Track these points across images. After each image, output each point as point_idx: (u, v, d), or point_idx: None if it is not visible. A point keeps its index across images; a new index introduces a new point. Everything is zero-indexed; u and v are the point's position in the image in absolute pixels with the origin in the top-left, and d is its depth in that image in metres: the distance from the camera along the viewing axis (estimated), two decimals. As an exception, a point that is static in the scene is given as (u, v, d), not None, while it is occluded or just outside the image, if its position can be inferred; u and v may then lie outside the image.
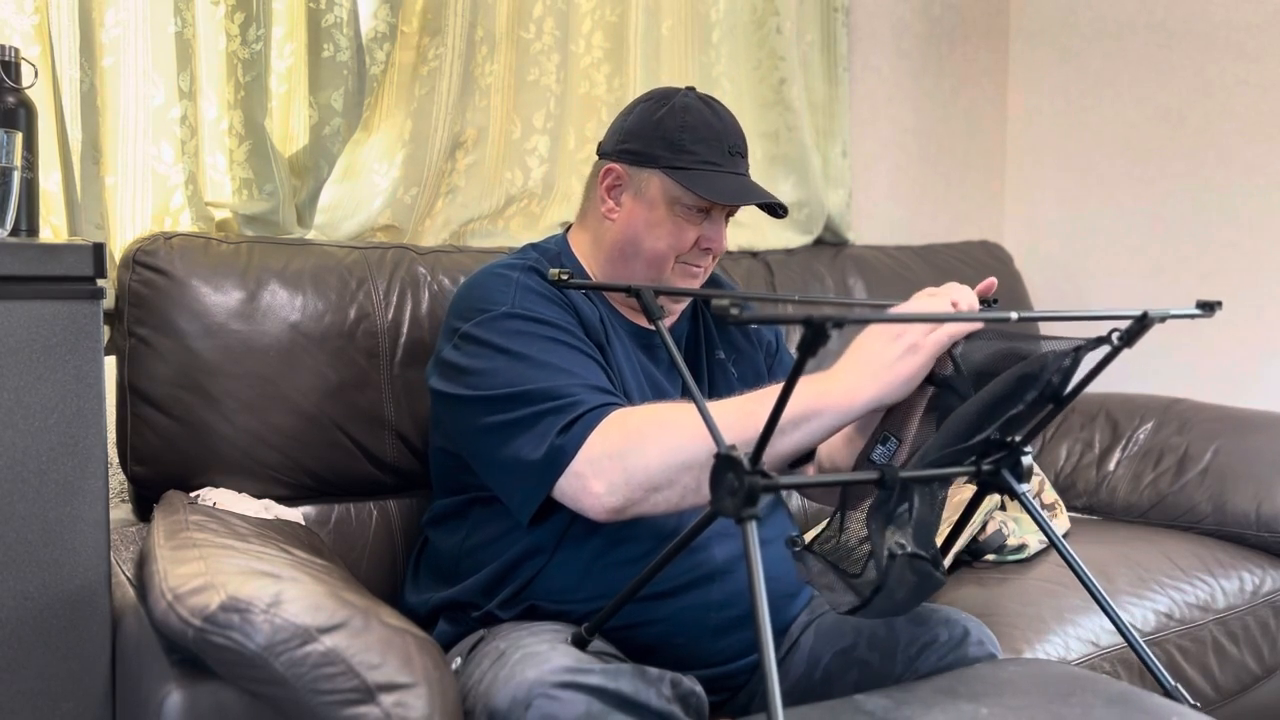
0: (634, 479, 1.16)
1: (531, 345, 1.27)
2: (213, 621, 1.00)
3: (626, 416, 1.20)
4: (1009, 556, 1.85)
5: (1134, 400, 2.35)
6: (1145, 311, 1.00)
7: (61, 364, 1.13)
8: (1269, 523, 1.99)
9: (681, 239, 1.38)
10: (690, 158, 1.37)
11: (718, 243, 1.40)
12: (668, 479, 1.15)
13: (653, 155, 1.38)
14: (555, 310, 1.33)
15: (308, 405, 1.58)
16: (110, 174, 1.64)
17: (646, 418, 1.20)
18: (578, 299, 1.37)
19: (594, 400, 1.22)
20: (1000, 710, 1.03)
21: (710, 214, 1.39)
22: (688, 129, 1.38)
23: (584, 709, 1.02)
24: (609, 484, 1.17)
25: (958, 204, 2.91)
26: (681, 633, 1.28)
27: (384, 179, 1.91)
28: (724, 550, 1.30)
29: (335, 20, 1.77)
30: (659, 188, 1.38)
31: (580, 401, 1.22)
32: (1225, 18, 2.55)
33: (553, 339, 1.29)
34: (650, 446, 1.16)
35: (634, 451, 1.17)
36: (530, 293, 1.33)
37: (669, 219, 1.38)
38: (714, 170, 1.37)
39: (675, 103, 1.40)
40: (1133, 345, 1.02)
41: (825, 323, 0.79)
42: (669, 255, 1.39)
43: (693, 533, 1.05)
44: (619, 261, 1.42)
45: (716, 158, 1.37)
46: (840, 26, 2.54)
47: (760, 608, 0.88)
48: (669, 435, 1.16)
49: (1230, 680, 1.84)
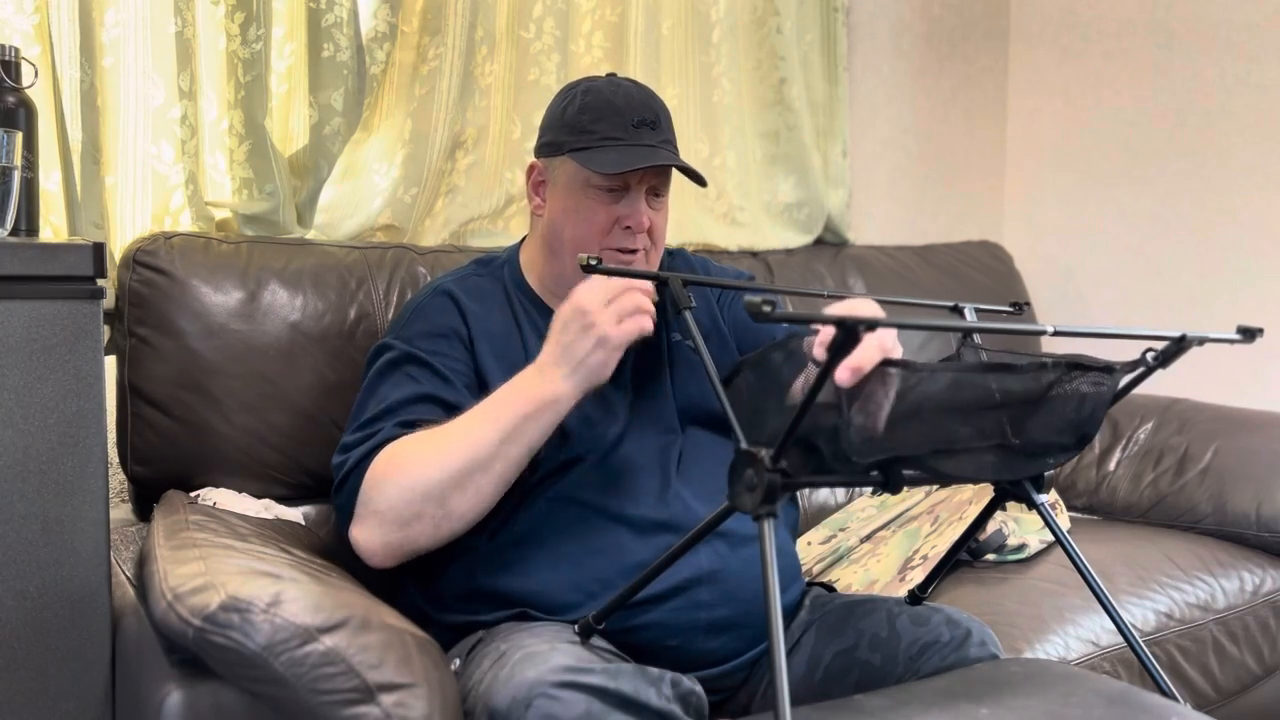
0: (386, 519, 1.22)
1: (382, 382, 1.34)
2: (213, 621, 1.00)
3: (378, 463, 1.24)
4: (1009, 556, 1.85)
5: (1134, 400, 2.35)
6: (1184, 334, 0.99)
7: (61, 364, 1.13)
8: (1269, 523, 1.99)
9: (594, 221, 1.37)
10: (590, 137, 1.36)
11: (636, 219, 1.37)
12: (414, 513, 1.21)
13: (559, 143, 1.39)
14: (435, 341, 1.36)
15: (307, 405, 1.58)
16: (110, 174, 1.64)
17: (393, 453, 1.24)
18: (494, 316, 1.39)
19: (368, 445, 1.26)
20: (1000, 711, 1.03)
21: (628, 192, 1.37)
22: (588, 109, 1.38)
23: (584, 708, 1.02)
24: (368, 528, 1.24)
25: (958, 204, 2.91)
26: (673, 635, 1.28)
27: (384, 179, 1.91)
28: (711, 554, 1.29)
29: (335, 20, 1.77)
30: (567, 173, 1.39)
31: (350, 454, 1.27)
32: (1225, 18, 2.55)
33: (407, 375, 1.33)
34: (390, 482, 1.22)
35: (375, 490, 1.23)
36: (421, 318, 1.39)
37: (583, 203, 1.37)
38: (614, 144, 1.35)
39: (580, 88, 1.41)
40: (1167, 366, 1.01)
41: (858, 325, 0.80)
42: (590, 241, 1.37)
43: (708, 526, 1.04)
44: (550, 256, 1.42)
45: (618, 132, 1.36)
46: (840, 26, 2.54)
47: (773, 604, 0.88)
48: (410, 467, 1.21)
49: (1230, 680, 1.84)
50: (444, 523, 1.22)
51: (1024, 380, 0.98)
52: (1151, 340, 1.02)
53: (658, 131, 1.38)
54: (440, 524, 1.22)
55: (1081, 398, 1.02)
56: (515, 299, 1.43)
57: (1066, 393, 1.01)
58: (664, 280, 1.23)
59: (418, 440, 1.24)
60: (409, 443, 1.25)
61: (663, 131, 1.39)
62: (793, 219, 2.46)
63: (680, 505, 1.32)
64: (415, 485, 1.20)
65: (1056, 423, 1.03)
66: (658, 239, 1.41)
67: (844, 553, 1.88)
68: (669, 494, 1.33)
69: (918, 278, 2.44)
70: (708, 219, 2.30)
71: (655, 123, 1.38)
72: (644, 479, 1.33)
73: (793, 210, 2.46)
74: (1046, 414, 1.01)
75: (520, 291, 1.44)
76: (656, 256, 1.43)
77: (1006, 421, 1.00)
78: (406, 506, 1.21)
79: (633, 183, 1.37)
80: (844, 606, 1.34)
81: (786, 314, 0.83)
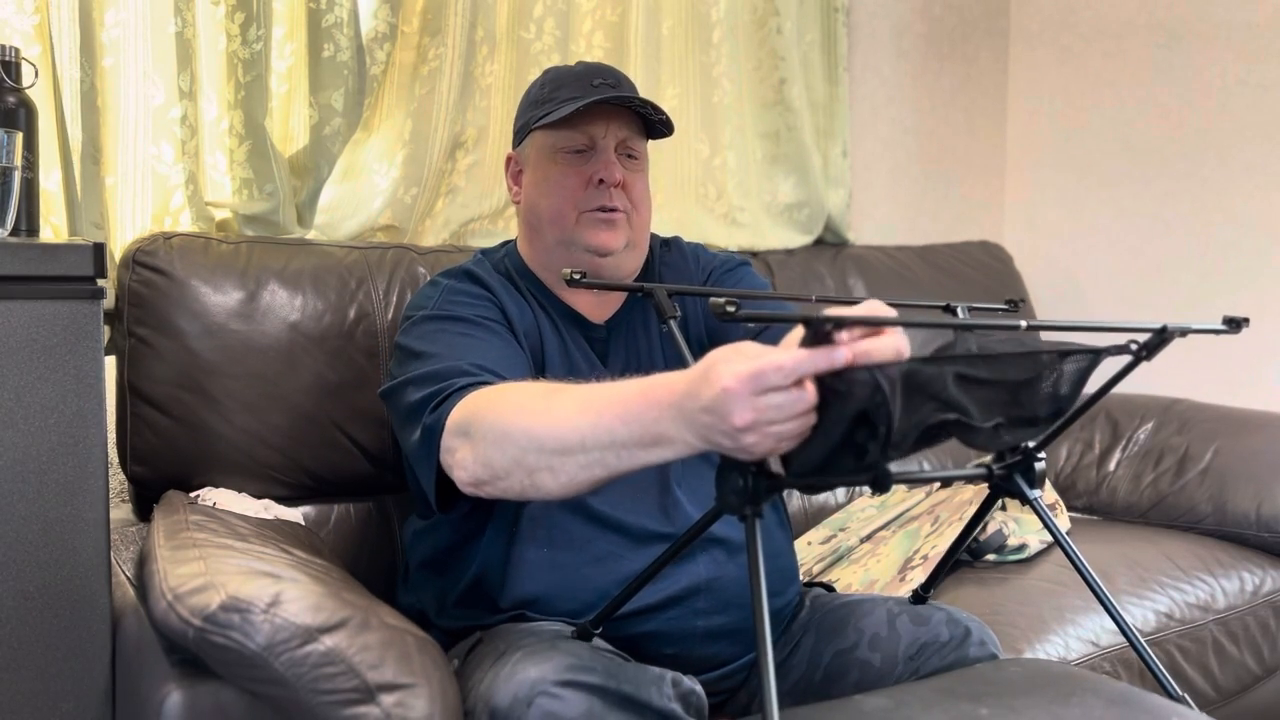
0: (479, 459, 1.09)
1: (438, 342, 1.26)
2: (213, 621, 1.00)
3: (478, 399, 1.13)
4: (1009, 556, 1.85)
5: (1134, 400, 2.36)
6: (1165, 325, 0.98)
7: (61, 364, 1.13)
8: (1269, 523, 1.99)
9: (565, 185, 1.36)
10: (550, 104, 1.37)
11: (608, 170, 1.35)
12: (504, 468, 1.06)
13: (525, 123, 1.42)
14: (477, 306, 1.32)
15: (307, 405, 1.58)
16: (110, 174, 1.64)
17: (494, 404, 1.10)
18: (509, 302, 1.37)
19: (464, 379, 1.18)
20: (1000, 710, 1.03)
21: (595, 149, 1.37)
22: (548, 84, 1.40)
23: (585, 708, 1.02)
24: (461, 460, 1.11)
25: (958, 204, 2.91)
26: (671, 644, 1.27)
27: (384, 179, 1.91)
28: (709, 563, 1.29)
29: (335, 20, 1.77)
30: (536, 147, 1.40)
31: (450, 381, 1.17)
32: (1225, 18, 2.55)
33: (462, 333, 1.27)
34: (488, 429, 1.08)
35: (477, 435, 1.09)
36: (454, 293, 1.34)
37: (552, 170, 1.38)
38: (573, 101, 1.35)
39: (545, 73, 1.44)
40: (1152, 358, 1.01)
41: (825, 324, 0.79)
42: (566, 208, 1.36)
43: (696, 530, 1.04)
44: (534, 239, 1.42)
45: (576, 92, 1.36)
46: (840, 26, 2.54)
47: (760, 604, 0.88)
48: (507, 421, 1.06)
49: (1230, 680, 1.84)
50: (531, 490, 1.06)
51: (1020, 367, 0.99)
52: (1133, 333, 1.02)
53: (618, 89, 1.37)
54: (527, 490, 1.06)
55: (1063, 376, 1.03)
56: (520, 283, 1.43)
57: (1054, 373, 1.03)
58: (649, 293, 1.21)
59: (523, 392, 1.10)
60: (513, 392, 1.11)
61: (623, 89, 1.37)
62: (793, 219, 2.46)
63: (680, 514, 1.31)
64: (512, 443, 1.05)
65: (1040, 398, 1.04)
66: (638, 201, 1.39)
67: (844, 553, 1.88)
68: (668, 502, 1.32)
69: (918, 278, 2.44)
70: (708, 219, 2.30)
71: (616, 84, 1.37)
72: (644, 488, 1.32)
73: (793, 210, 2.46)
74: (1030, 391, 1.03)
75: (523, 275, 1.44)
76: (640, 220, 1.40)
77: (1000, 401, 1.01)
78: (499, 459, 1.06)
79: (599, 138, 1.37)
80: (844, 606, 1.34)
81: (751, 314, 0.82)
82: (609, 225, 1.36)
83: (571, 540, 1.28)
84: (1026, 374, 1.00)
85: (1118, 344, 1.01)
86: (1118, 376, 1.05)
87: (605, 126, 1.36)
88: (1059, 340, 2.37)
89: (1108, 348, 1.01)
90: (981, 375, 0.96)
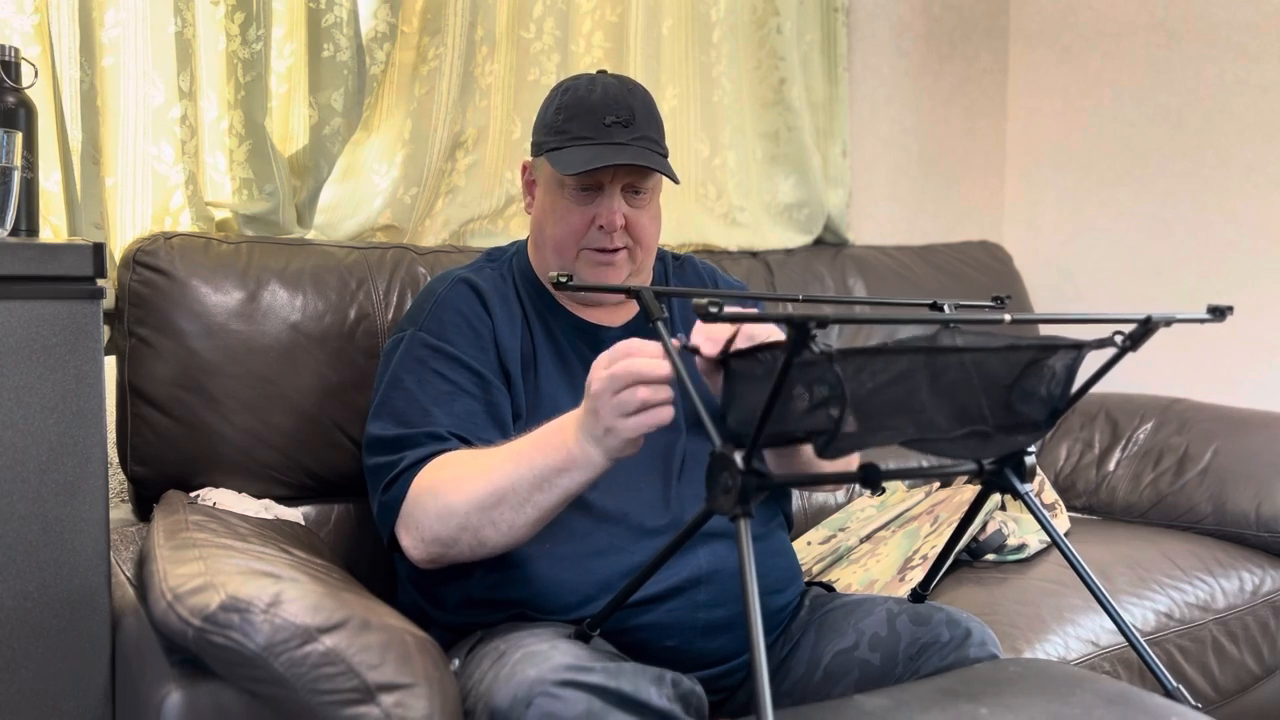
0: (425, 536, 1.23)
1: (416, 377, 1.33)
2: (213, 621, 1.00)
3: (424, 479, 1.24)
4: (1009, 556, 1.85)
5: (1134, 400, 2.35)
6: (1149, 315, 0.98)
7: (61, 364, 1.13)
8: (1269, 523, 1.99)
9: (569, 222, 1.37)
10: (563, 137, 1.37)
11: (608, 218, 1.36)
12: (451, 537, 1.21)
13: (540, 143, 1.41)
14: (465, 332, 1.35)
15: (307, 405, 1.58)
16: (110, 174, 1.64)
17: (435, 476, 1.23)
18: (502, 316, 1.38)
19: (419, 450, 1.26)
20: (1000, 710, 1.03)
21: (601, 191, 1.37)
22: (564, 109, 1.38)
23: (585, 707, 1.02)
24: (412, 538, 1.24)
25: (958, 204, 2.91)
26: (671, 636, 1.28)
27: (384, 179, 1.91)
28: (710, 555, 1.29)
29: (335, 20, 1.77)
30: (546, 173, 1.40)
31: (401, 455, 1.27)
32: (1225, 18, 2.55)
33: (438, 373, 1.33)
34: (430, 509, 1.22)
35: (420, 511, 1.23)
36: (446, 309, 1.37)
37: (559, 203, 1.38)
38: (585, 144, 1.35)
39: (562, 87, 1.42)
40: (1137, 349, 1.01)
41: (808, 322, 0.79)
42: (568, 242, 1.38)
43: (689, 531, 1.05)
44: (537, 252, 1.45)
45: (589, 131, 1.35)
46: (840, 26, 2.54)
47: (752, 601, 0.88)
48: (449, 495, 1.20)
49: (1230, 680, 1.84)
50: (480, 549, 1.21)
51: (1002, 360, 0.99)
52: (1118, 323, 1.02)
53: (631, 129, 1.36)
54: (477, 549, 1.21)
55: (1053, 375, 1.03)
56: (523, 291, 1.43)
57: (1040, 371, 1.03)
58: (636, 294, 1.21)
59: (461, 463, 1.23)
60: (453, 465, 1.23)
61: (637, 128, 1.37)
62: (793, 219, 2.46)
63: (681, 508, 1.32)
64: (454, 513, 1.19)
65: (1030, 400, 1.03)
66: (640, 237, 1.40)
67: (844, 553, 1.88)
68: (670, 496, 1.33)
69: (917, 278, 2.44)
70: (708, 219, 2.30)
71: (629, 120, 1.36)
72: (646, 481, 1.33)
73: (793, 210, 2.46)
74: (1020, 392, 1.02)
75: (527, 282, 1.45)
76: (643, 255, 1.41)
77: (985, 404, 1.01)
78: (445, 530, 1.21)
79: (605, 181, 1.37)
80: (844, 606, 1.34)
81: (732, 313, 0.82)
82: (609, 265, 1.39)
83: (572, 534, 1.29)
84: (1012, 372, 1.01)
85: (1102, 336, 1.01)
86: (1105, 368, 1.05)
87: (612, 172, 1.37)
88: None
89: (1092, 340, 1.02)
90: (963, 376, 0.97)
